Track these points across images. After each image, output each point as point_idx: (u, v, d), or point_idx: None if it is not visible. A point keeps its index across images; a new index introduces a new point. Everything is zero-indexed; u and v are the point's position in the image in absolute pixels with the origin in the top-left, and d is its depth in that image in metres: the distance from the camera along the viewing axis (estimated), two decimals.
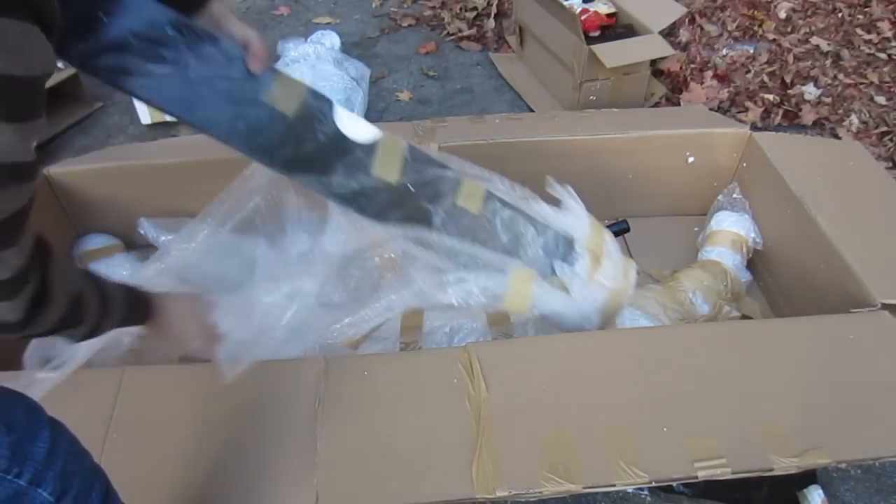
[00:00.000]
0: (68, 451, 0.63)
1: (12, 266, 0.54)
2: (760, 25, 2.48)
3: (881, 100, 2.18)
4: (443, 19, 2.69)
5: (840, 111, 2.15)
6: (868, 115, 2.12)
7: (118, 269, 1.31)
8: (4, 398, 0.60)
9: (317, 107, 0.99)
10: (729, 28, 2.46)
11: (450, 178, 1.07)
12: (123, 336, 0.99)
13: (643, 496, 1.19)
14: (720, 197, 1.49)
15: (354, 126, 1.02)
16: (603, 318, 1.12)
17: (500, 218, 1.09)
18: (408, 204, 1.04)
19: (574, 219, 1.12)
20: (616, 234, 1.37)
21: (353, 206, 1.02)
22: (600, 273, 1.09)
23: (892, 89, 2.22)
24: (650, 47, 1.99)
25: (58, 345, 0.92)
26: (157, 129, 2.09)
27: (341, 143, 1.00)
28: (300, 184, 1.02)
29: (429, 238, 1.05)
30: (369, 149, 1.02)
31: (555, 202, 1.13)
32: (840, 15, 2.55)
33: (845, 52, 2.37)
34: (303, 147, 0.98)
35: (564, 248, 1.11)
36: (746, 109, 2.15)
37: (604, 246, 1.12)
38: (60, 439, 0.62)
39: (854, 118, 2.11)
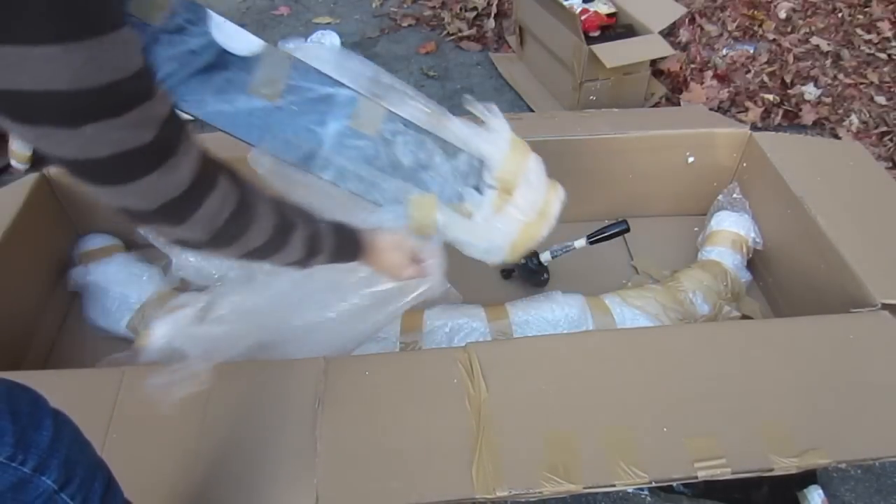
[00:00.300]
0: (71, 440, 0.64)
1: (183, 177, 0.54)
2: (760, 25, 2.48)
3: (881, 100, 2.18)
4: (443, 19, 2.69)
5: (840, 111, 2.15)
6: (868, 115, 2.12)
7: (118, 269, 1.31)
8: (8, 388, 0.60)
9: (187, 14, 0.89)
10: (729, 28, 2.46)
11: (342, 98, 0.99)
12: None
13: (643, 496, 1.19)
14: (720, 197, 1.49)
15: (232, 37, 0.94)
16: (512, 250, 1.07)
17: (402, 140, 1.02)
18: (293, 124, 0.97)
19: (494, 142, 1.05)
20: (616, 234, 1.38)
21: (228, 128, 0.95)
22: (512, 204, 1.04)
23: (892, 89, 2.22)
24: (650, 47, 1.99)
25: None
26: None
27: (217, 57, 0.92)
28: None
29: (319, 163, 0.99)
30: (248, 63, 0.95)
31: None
32: (840, 15, 2.55)
33: (845, 52, 2.37)
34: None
35: (475, 174, 1.05)
36: (746, 109, 2.15)
37: (524, 174, 1.06)
38: (64, 428, 0.63)
39: (854, 118, 2.11)
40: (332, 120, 0.99)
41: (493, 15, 2.65)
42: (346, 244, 0.83)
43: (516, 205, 1.04)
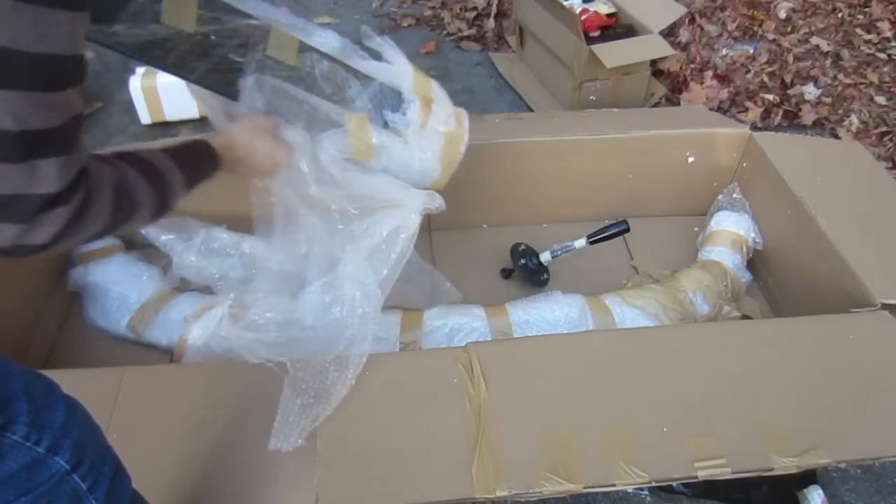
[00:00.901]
0: (83, 422, 0.65)
1: (69, 177, 0.54)
2: (760, 25, 2.48)
3: (881, 100, 2.18)
4: (443, 19, 2.69)
5: (840, 111, 2.15)
6: (868, 115, 2.12)
7: (118, 269, 1.31)
8: (23, 372, 0.61)
9: None
10: (729, 28, 2.46)
11: (257, 27, 0.99)
12: None
13: (643, 496, 1.19)
14: (720, 197, 1.49)
15: None
16: (443, 166, 1.10)
17: (319, 69, 1.03)
18: (212, 55, 0.96)
19: (397, 68, 1.08)
20: (616, 234, 1.38)
21: (148, 59, 0.93)
22: (433, 118, 1.07)
23: (892, 89, 2.22)
24: (650, 47, 1.99)
25: None
26: (157, 128, 2.09)
27: None
28: None
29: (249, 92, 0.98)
30: None
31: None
32: (840, 15, 2.55)
33: (845, 52, 2.37)
34: None
35: (392, 97, 1.08)
36: (746, 109, 2.15)
37: (432, 92, 1.10)
38: (76, 411, 0.64)
39: (854, 118, 2.12)
40: (251, 49, 0.98)
41: (493, 15, 2.65)
42: (190, 156, 0.79)
43: (436, 116, 1.08)
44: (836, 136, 2.06)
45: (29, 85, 0.48)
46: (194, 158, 0.81)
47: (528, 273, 1.41)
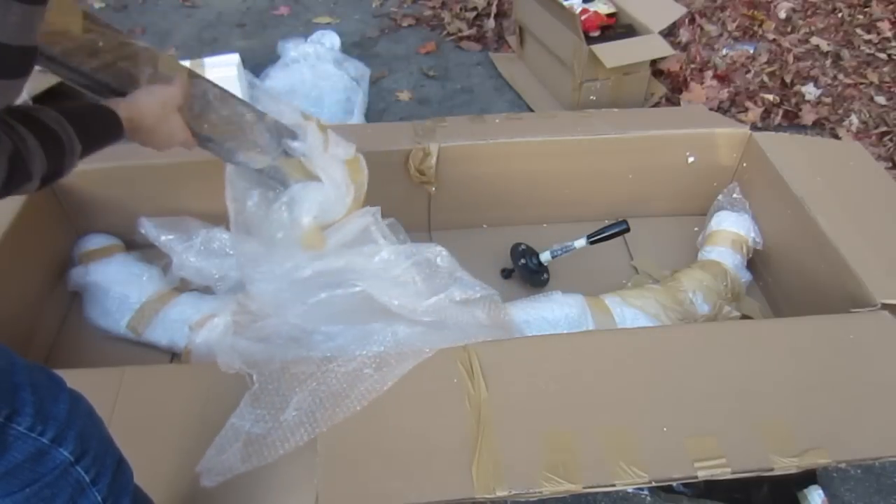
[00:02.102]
0: (86, 415, 0.65)
1: None
2: (760, 25, 2.48)
3: (881, 100, 2.18)
4: (443, 19, 2.69)
5: (840, 111, 2.15)
6: (868, 115, 2.12)
7: (118, 269, 1.31)
8: (27, 365, 0.61)
9: None
10: (729, 28, 2.46)
11: (145, 49, 0.96)
12: None
13: (643, 496, 1.19)
14: (720, 197, 1.49)
15: None
16: (356, 191, 1.10)
17: (213, 96, 1.00)
18: (101, 58, 0.90)
19: (275, 103, 1.09)
20: (616, 234, 1.38)
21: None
22: (332, 146, 1.08)
23: (892, 89, 2.22)
24: (650, 47, 1.99)
25: None
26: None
27: None
28: None
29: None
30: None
31: None
32: (840, 15, 2.55)
33: (845, 52, 2.37)
34: None
35: (286, 127, 1.07)
36: (746, 109, 2.15)
37: (320, 121, 1.11)
38: (79, 403, 0.65)
39: (854, 118, 2.12)
40: (141, 65, 0.95)
41: (493, 15, 2.65)
42: (94, 125, 0.76)
43: (335, 143, 1.10)
44: (836, 136, 2.06)
45: None
46: (97, 127, 0.77)
47: (528, 273, 1.41)
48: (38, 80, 1.72)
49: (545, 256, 1.40)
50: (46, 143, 0.63)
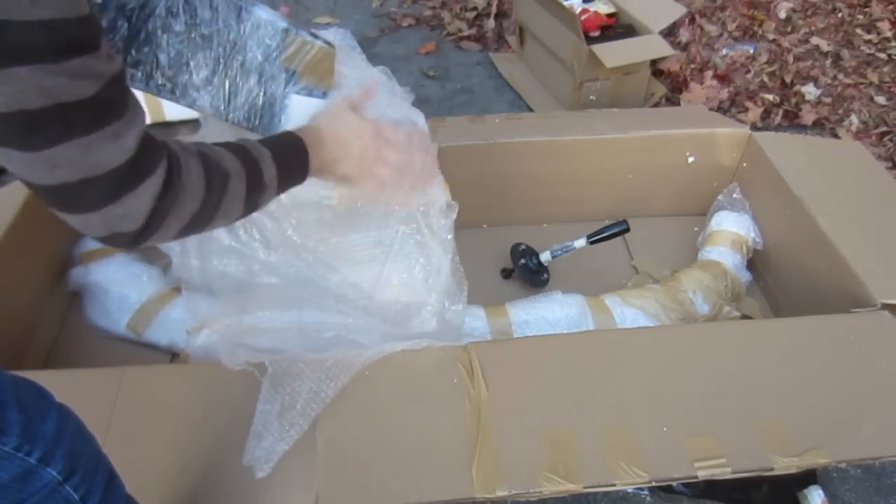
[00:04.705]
0: (76, 432, 0.64)
1: (129, 145, 0.48)
2: (760, 25, 2.48)
3: (881, 100, 2.18)
4: (443, 19, 2.69)
5: (840, 111, 2.15)
6: (868, 115, 2.12)
7: (118, 269, 1.31)
8: (14, 380, 0.60)
9: None
10: (729, 28, 2.46)
11: None
12: None
13: (643, 496, 1.19)
14: (720, 197, 1.49)
15: None
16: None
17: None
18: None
19: None
20: (616, 234, 1.38)
21: None
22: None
23: (892, 89, 2.22)
24: (650, 47, 1.99)
25: None
26: (157, 129, 2.09)
27: None
28: None
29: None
30: None
31: None
32: (840, 15, 2.55)
33: (845, 52, 2.37)
34: None
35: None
36: (746, 109, 2.15)
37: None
38: (68, 420, 0.63)
39: (854, 118, 2.12)
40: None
41: (493, 15, 2.65)
42: (283, 149, 0.67)
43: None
44: (836, 136, 2.06)
45: (36, 56, 0.43)
46: (287, 152, 0.68)
47: (528, 273, 1.41)
48: None
49: (545, 256, 1.40)
50: (235, 152, 0.59)
